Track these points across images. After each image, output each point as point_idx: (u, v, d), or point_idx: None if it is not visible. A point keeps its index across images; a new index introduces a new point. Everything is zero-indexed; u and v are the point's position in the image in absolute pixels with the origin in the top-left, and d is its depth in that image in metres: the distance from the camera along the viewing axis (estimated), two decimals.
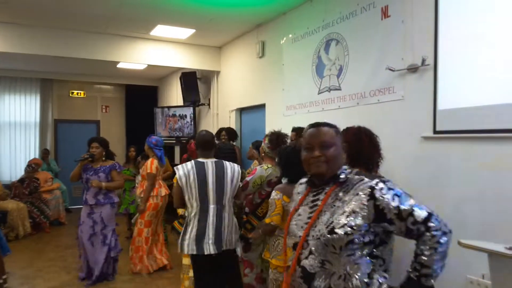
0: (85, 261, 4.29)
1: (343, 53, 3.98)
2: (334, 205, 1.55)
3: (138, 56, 6.30)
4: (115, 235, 4.36)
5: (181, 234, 3.00)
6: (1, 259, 4.00)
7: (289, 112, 4.85)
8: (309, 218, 1.61)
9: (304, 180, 1.80)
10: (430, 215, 1.45)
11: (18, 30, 5.42)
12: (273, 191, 2.65)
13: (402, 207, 1.45)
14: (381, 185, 1.50)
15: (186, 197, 2.99)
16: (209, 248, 2.90)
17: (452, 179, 2.90)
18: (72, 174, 4.31)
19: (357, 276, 1.47)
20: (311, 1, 4.50)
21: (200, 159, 3.08)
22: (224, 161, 3.13)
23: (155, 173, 4.60)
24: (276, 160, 2.77)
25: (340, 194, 1.56)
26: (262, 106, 5.52)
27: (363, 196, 1.49)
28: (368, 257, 1.51)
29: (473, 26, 2.75)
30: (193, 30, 5.75)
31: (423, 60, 3.09)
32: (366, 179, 1.55)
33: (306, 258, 1.56)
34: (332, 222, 1.51)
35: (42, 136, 9.08)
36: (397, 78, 3.36)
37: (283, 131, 4.11)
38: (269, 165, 3.33)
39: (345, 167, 1.64)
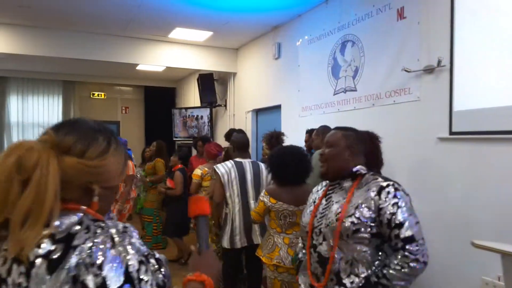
0: None
1: (358, 54, 3.99)
2: (345, 197, 1.67)
3: (156, 58, 6.42)
4: None
5: (227, 231, 3.13)
6: None
7: (304, 113, 4.88)
8: (324, 209, 1.74)
9: (322, 183, 1.94)
10: (413, 238, 1.50)
11: (42, 33, 5.60)
12: (263, 191, 2.75)
13: (396, 217, 1.53)
14: (390, 188, 1.60)
15: (227, 194, 3.16)
16: (258, 239, 3.11)
17: (468, 180, 2.88)
18: None
19: (361, 263, 1.57)
20: (326, 3, 4.51)
21: (237, 159, 3.26)
22: (257, 161, 3.36)
23: (134, 174, 4.68)
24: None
25: (354, 189, 1.68)
26: (278, 107, 5.56)
27: (372, 192, 1.61)
28: (375, 250, 1.60)
29: (490, 26, 2.73)
30: (211, 33, 5.83)
31: (439, 61, 3.08)
32: (380, 179, 1.66)
33: (321, 244, 1.68)
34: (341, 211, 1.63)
35: None
36: (413, 79, 3.35)
37: (298, 132, 4.17)
38: None
39: (360, 166, 1.73)
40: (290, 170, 2.66)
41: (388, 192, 1.58)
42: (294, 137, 4.32)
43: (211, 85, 7.33)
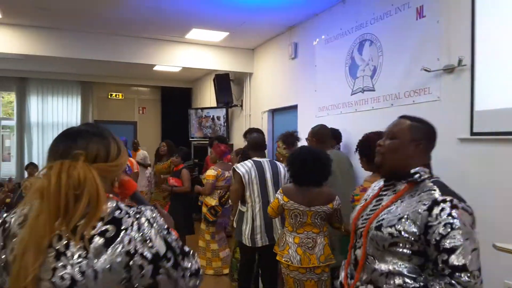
0: None
1: (377, 54, 3.95)
2: (394, 204, 1.47)
3: (173, 59, 6.47)
4: None
5: (248, 230, 3.18)
6: None
7: (321, 113, 4.85)
8: (371, 211, 1.56)
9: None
10: (465, 268, 1.25)
11: (60, 35, 5.69)
12: (280, 188, 2.86)
13: (447, 240, 1.29)
14: (446, 205, 1.35)
15: (248, 194, 3.19)
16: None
17: (490, 181, 2.83)
18: None
19: (398, 278, 1.38)
20: (343, 2, 4.48)
21: (256, 158, 3.29)
22: (274, 161, 3.39)
23: (138, 171, 4.74)
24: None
25: (406, 196, 1.47)
26: (295, 107, 5.54)
27: (422, 205, 1.38)
28: (416, 267, 1.39)
29: (511, 24, 2.67)
30: (227, 33, 5.85)
31: (460, 61, 3.02)
32: (437, 191, 1.42)
33: (359, 248, 1.53)
34: (383, 219, 1.44)
35: None
36: (433, 78, 3.30)
37: None
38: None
39: (422, 168, 1.49)
40: (307, 171, 2.67)
41: (442, 209, 1.33)
42: None
43: (227, 86, 7.35)
